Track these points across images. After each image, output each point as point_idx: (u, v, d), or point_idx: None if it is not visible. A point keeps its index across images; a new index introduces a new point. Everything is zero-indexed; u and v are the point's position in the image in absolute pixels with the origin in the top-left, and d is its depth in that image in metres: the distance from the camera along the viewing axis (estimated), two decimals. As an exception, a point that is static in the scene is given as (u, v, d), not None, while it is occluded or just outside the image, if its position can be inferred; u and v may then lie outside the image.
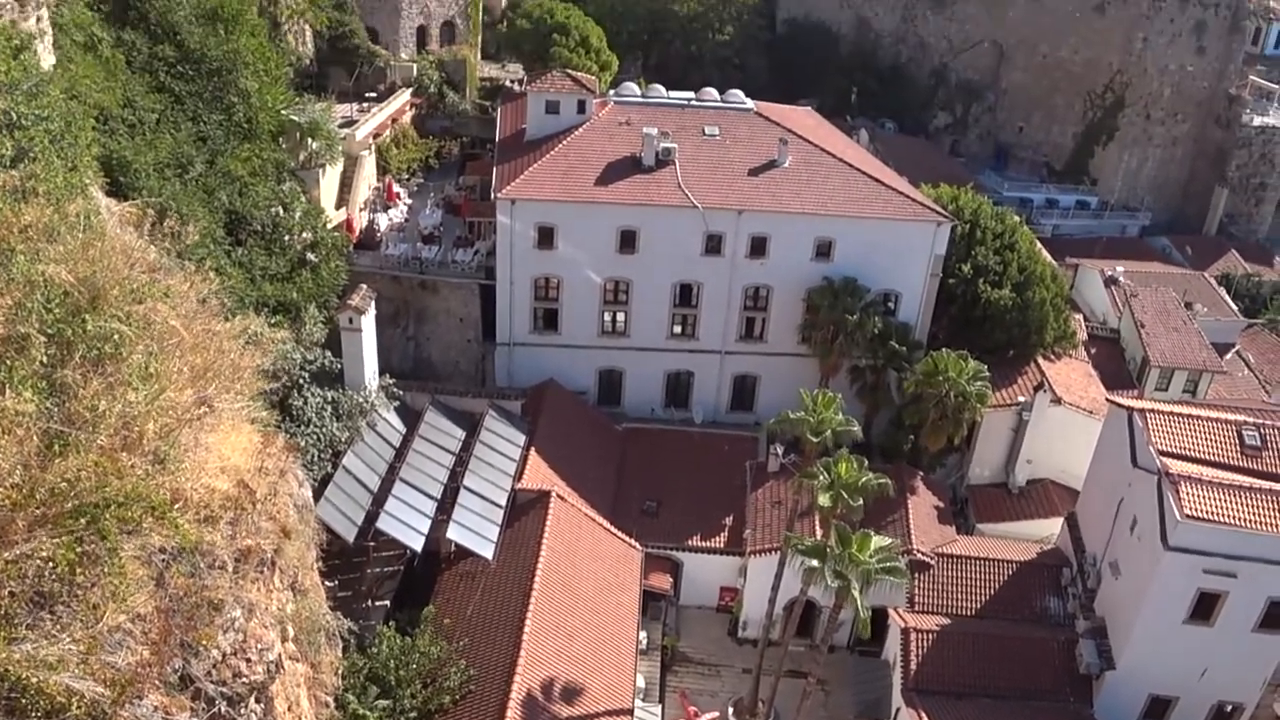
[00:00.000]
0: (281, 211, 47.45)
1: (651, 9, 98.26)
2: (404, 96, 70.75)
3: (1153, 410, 46.32)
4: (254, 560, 19.89)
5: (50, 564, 14.51)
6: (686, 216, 56.30)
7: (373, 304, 48.40)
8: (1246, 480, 42.26)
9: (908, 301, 58.88)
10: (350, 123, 63.45)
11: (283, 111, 52.66)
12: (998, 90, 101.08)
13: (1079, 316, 66.55)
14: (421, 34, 76.36)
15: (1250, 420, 46.09)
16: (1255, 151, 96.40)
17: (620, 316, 59.31)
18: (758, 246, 57.62)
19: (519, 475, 49.78)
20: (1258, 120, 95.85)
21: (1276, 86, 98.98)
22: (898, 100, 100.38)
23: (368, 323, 47.83)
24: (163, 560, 16.75)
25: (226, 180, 44.77)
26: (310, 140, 55.51)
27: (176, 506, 17.11)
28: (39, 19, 33.03)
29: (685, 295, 59.03)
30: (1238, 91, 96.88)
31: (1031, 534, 55.29)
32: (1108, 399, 52.50)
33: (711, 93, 64.49)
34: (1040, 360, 59.45)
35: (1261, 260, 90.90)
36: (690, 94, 64.35)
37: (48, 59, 33.86)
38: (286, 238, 47.23)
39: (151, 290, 19.78)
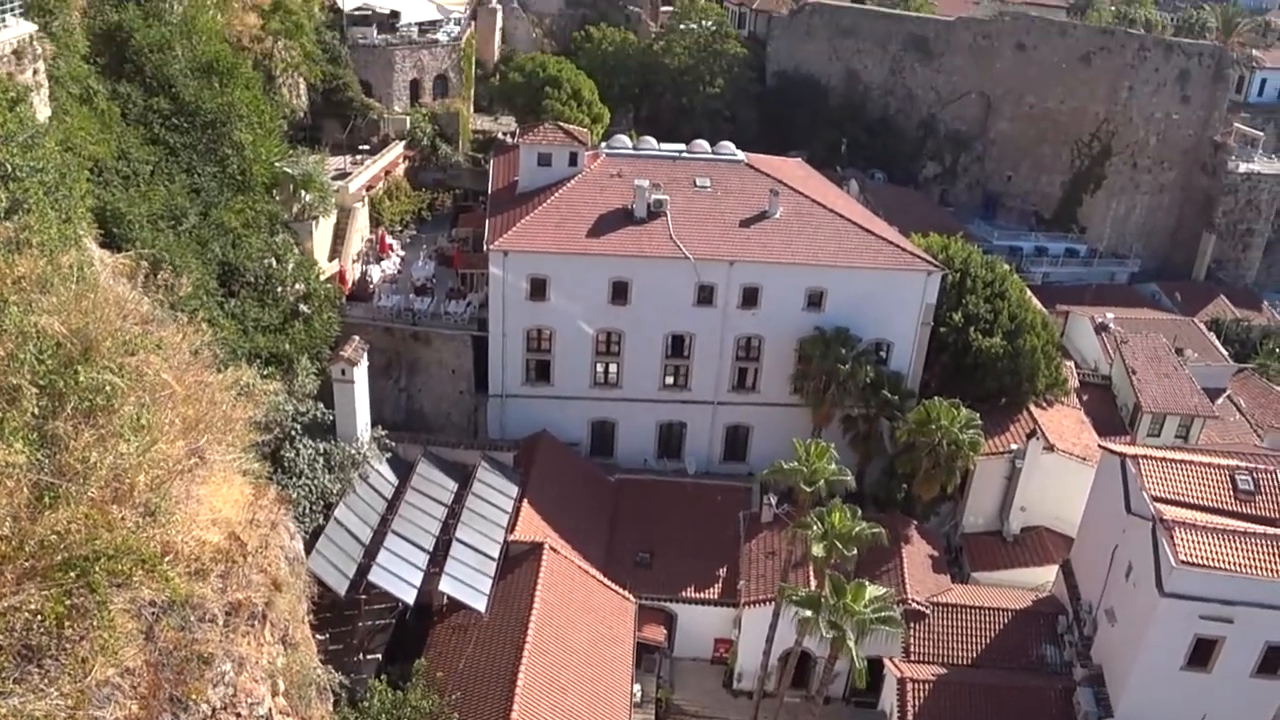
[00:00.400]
0: (274, 263, 47.60)
1: (643, 62, 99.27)
2: (397, 149, 71.28)
3: (1146, 456, 46.35)
4: (245, 614, 19.72)
5: (39, 617, 14.38)
6: (678, 267, 56.47)
7: (365, 356, 48.33)
8: (1241, 525, 42.19)
9: (899, 350, 58.98)
10: (344, 175, 63.86)
11: (276, 164, 52.97)
12: (986, 140, 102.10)
13: (1070, 364, 66.66)
14: (415, 87, 77.09)
15: (1243, 465, 46.15)
16: (1241, 198, 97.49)
17: (612, 367, 59.30)
18: (749, 297, 57.76)
19: (511, 527, 49.48)
20: (1243, 167, 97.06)
21: (1261, 133, 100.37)
22: (887, 151, 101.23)
23: (360, 374, 47.73)
24: (152, 613, 16.60)
25: (220, 232, 44.93)
26: (304, 192, 55.76)
27: (167, 559, 16.98)
28: (36, 71, 33.31)
29: (677, 346, 59.08)
30: (1223, 139, 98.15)
31: (1027, 582, 55.01)
32: (1100, 445, 52.53)
33: (702, 145, 65.00)
34: (1032, 408, 59.46)
35: (1250, 305, 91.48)
36: (681, 146, 64.86)
37: (44, 111, 34.10)
38: (279, 289, 47.32)
39: (144, 342, 19.77)
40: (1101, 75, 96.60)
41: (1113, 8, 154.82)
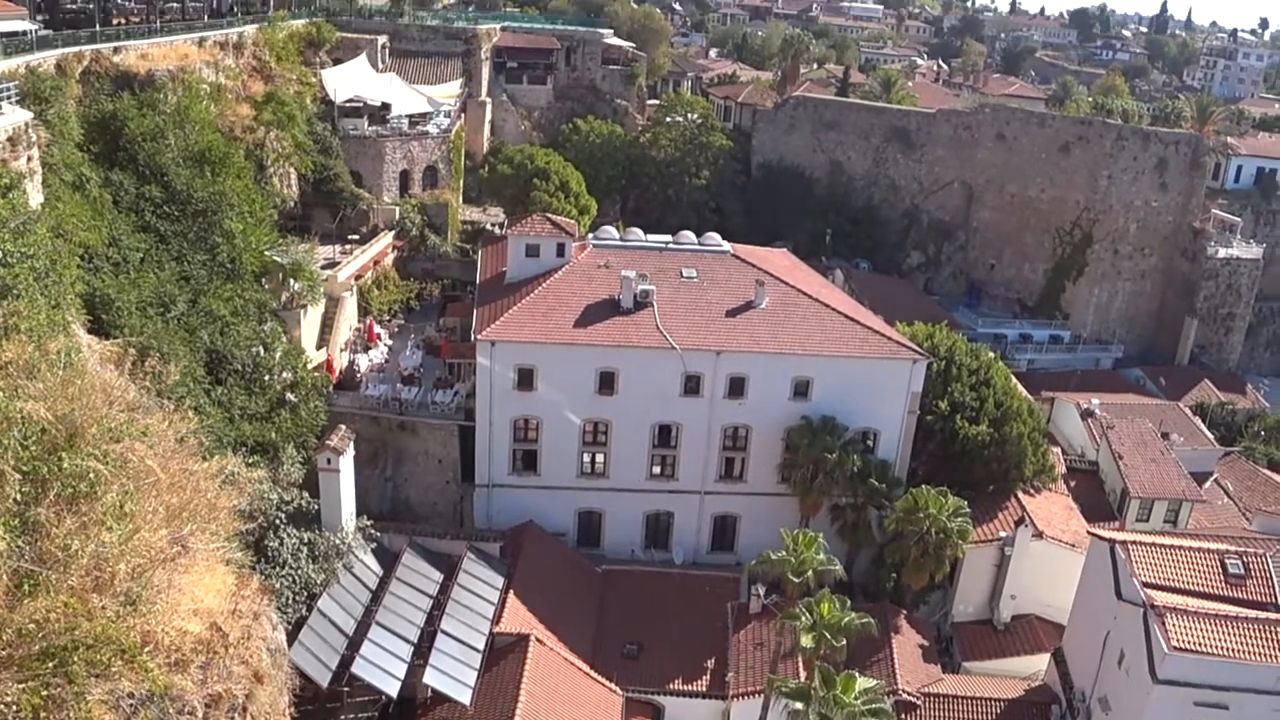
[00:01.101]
0: (262, 351, 47.66)
1: (630, 154, 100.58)
2: (386, 239, 71.80)
3: (1135, 542, 46.22)
4: (225, 706, 19.35)
5: (14, 708, 14.10)
6: (665, 358, 56.62)
7: (351, 445, 48.14)
8: (1232, 610, 41.97)
9: (886, 439, 59.00)
10: (333, 264, 64.19)
11: (266, 252, 53.32)
12: (968, 229, 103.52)
13: (1057, 450, 66.78)
14: (404, 178, 77.91)
15: (1232, 549, 46.07)
16: (1222, 283, 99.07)
17: (599, 457, 59.08)
18: (736, 387, 57.82)
19: (497, 618, 48.87)
20: (1223, 252, 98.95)
21: (1238, 219, 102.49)
22: (871, 240, 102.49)
23: (346, 463, 47.48)
24: (131, 705, 16.27)
25: (208, 319, 45.07)
26: (293, 281, 56.03)
27: (147, 650, 16.70)
28: (30, 158, 33.68)
29: (664, 436, 58.96)
30: (1201, 225, 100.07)
31: (1019, 671, 54.40)
32: (1089, 532, 52.35)
33: (689, 236, 65.70)
34: (1020, 495, 59.38)
35: (1234, 389, 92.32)
36: (668, 237, 65.60)
37: (36, 197, 34.41)
38: (266, 377, 47.33)
39: (129, 429, 19.68)
40: (1081, 164, 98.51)
41: (1090, 98, 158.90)
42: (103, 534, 17.07)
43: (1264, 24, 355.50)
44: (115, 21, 63.68)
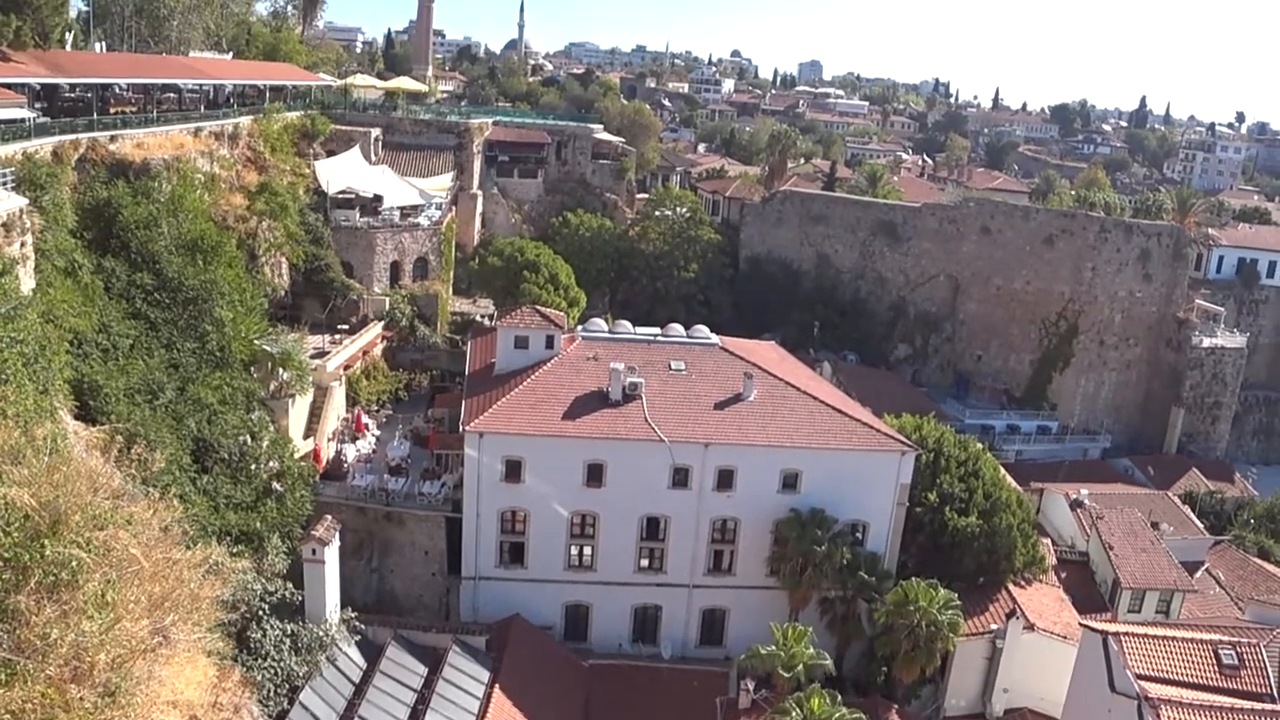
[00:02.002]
0: (249, 440, 47.44)
1: (619, 248, 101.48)
2: (376, 329, 72.01)
3: (1127, 633, 45.78)
4: (204, 800, 18.98)
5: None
6: (653, 450, 56.44)
7: (337, 535, 47.62)
8: (1227, 701, 41.41)
9: (876, 531, 58.70)
10: (322, 353, 64.28)
11: (256, 341, 53.41)
12: (955, 321, 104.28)
13: (1047, 541, 66.43)
14: (395, 269, 78.38)
15: (1226, 639, 45.61)
16: (1207, 372, 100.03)
17: (587, 550, 58.55)
18: (725, 479, 57.61)
19: (482, 715, 47.96)
20: (1207, 342, 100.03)
21: (1221, 309, 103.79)
22: (859, 332, 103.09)
23: (331, 554, 46.90)
24: (108, 799, 15.96)
25: (196, 407, 44.95)
26: (281, 370, 56.03)
27: (125, 742, 16.43)
28: (23, 244, 33.87)
29: (653, 528, 58.55)
30: (1185, 315, 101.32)
31: (1012, 767, 53.56)
32: (1081, 624, 51.86)
33: (677, 328, 65.99)
34: (1011, 586, 58.88)
35: (1222, 477, 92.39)
36: (656, 330, 65.83)
37: (28, 283, 34.54)
38: (253, 466, 47.06)
39: (113, 517, 19.55)
40: (1065, 256, 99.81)
41: (1073, 192, 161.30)
42: (83, 623, 16.88)
43: (1240, 117, 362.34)
44: (113, 110, 64.46)
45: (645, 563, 58.99)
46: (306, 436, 59.76)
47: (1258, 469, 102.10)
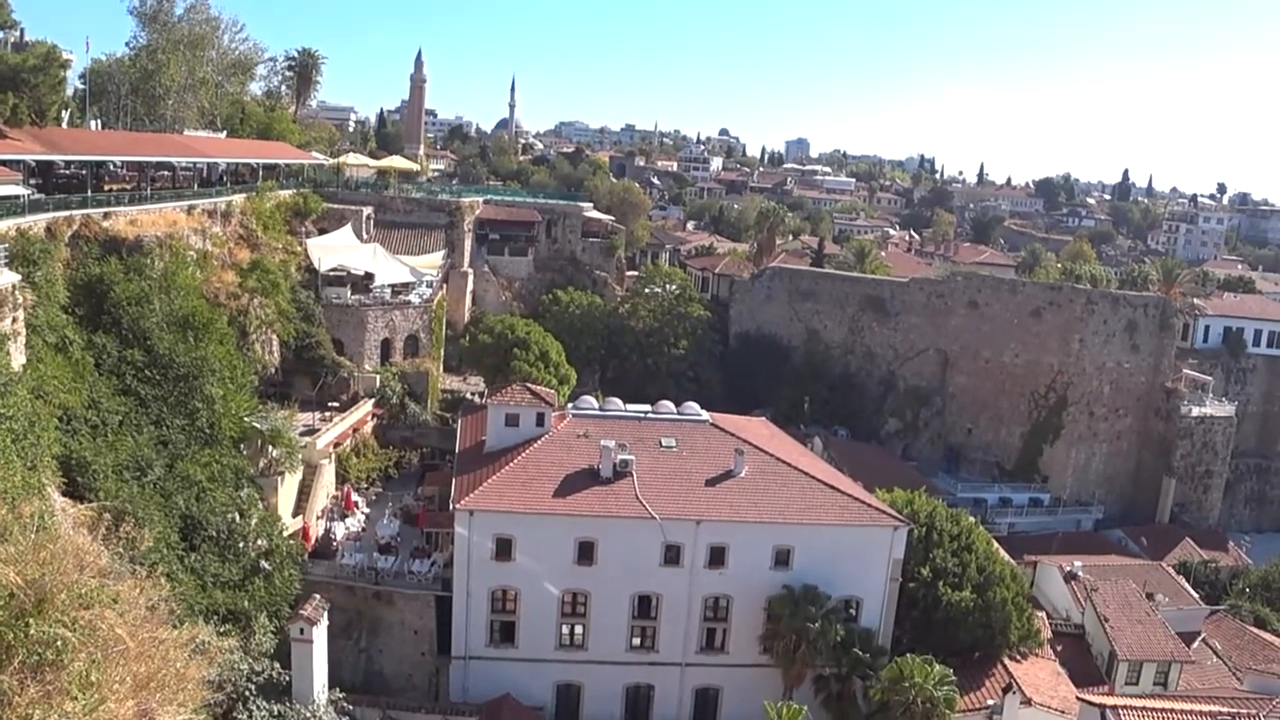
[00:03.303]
0: (238, 518, 47.17)
1: (609, 325, 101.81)
2: (366, 407, 71.88)
3: (1126, 706, 45.47)
4: None
5: None
6: (644, 527, 56.14)
7: (325, 615, 47.23)
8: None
9: (869, 607, 58.25)
10: (312, 431, 64.07)
11: (245, 418, 53.26)
12: (945, 395, 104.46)
13: (1042, 614, 65.98)
14: (386, 346, 78.48)
15: (1225, 710, 45.33)
16: (1197, 441, 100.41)
17: (579, 629, 57.96)
18: (716, 556, 57.25)
19: (472, 796, 47.27)
20: (1196, 411, 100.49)
21: (1209, 378, 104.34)
22: (849, 407, 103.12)
23: (319, 634, 46.48)
24: None
25: (185, 484, 44.73)
26: (271, 447, 55.81)
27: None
28: (14, 320, 33.91)
29: (644, 606, 58.03)
30: (1174, 385, 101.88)
31: (1012, 847, 52.56)
32: (1079, 697, 51.43)
33: (668, 405, 66.04)
34: (1007, 661, 58.33)
35: (1216, 546, 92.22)
36: (647, 407, 65.82)
37: (19, 358, 34.53)
38: (241, 544, 46.72)
39: (100, 596, 19.31)
40: (1053, 329, 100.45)
41: (1059, 265, 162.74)
42: (67, 704, 16.61)
43: (1222, 189, 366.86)
44: (107, 188, 64.98)
45: (637, 641, 58.38)
46: (295, 514, 59.36)
47: (1251, 537, 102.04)
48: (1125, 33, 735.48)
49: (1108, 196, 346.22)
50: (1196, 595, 77.49)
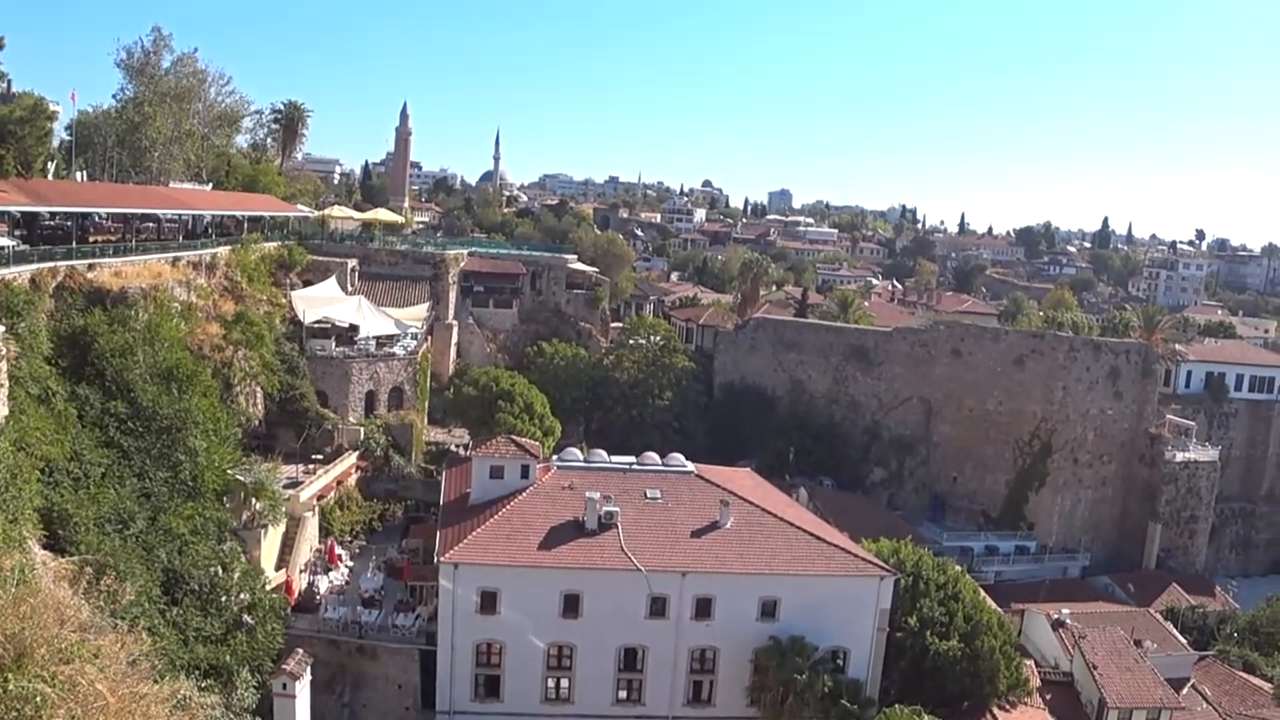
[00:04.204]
0: (220, 571, 46.79)
1: (593, 376, 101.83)
2: (350, 459, 71.63)
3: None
4: None
5: None
6: (630, 580, 55.88)
7: (308, 669, 46.74)
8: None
9: (857, 657, 57.92)
10: (295, 483, 63.75)
11: (229, 471, 53.02)
12: (929, 444, 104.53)
13: (1030, 662, 65.74)
14: (370, 398, 78.30)
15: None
16: (1182, 486, 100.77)
17: (564, 682, 57.42)
18: (703, 608, 56.97)
19: None
20: (1180, 456, 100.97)
21: (1192, 423, 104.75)
22: (834, 457, 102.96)
23: (302, 689, 45.94)
24: None
25: (167, 538, 44.41)
26: (254, 500, 55.52)
27: None
28: (-2, 371, 33.74)
29: (630, 659, 57.60)
30: (1157, 430, 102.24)
31: None
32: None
33: (652, 457, 66.00)
34: (995, 710, 58.04)
35: (1203, 591, 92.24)
36: (632, 458, 65.75)
37: (1, 410, 34.29)
38: (224, 598, 46.31)
39: (80, 650, 19.12)
40: (1036, 376, 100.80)
41: (1041, 312, 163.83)
42: (47, 761, 16.38)
43: (1200, 235, 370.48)
44: (92, 239, 64.99)
45: (623, 694, 57.93)
46: (279, 568, 58.94)
47: (1238, 581, 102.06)
48: (1103, 81, 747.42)
49: (1088, 244, 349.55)
50: (1184, 641, 77.44)
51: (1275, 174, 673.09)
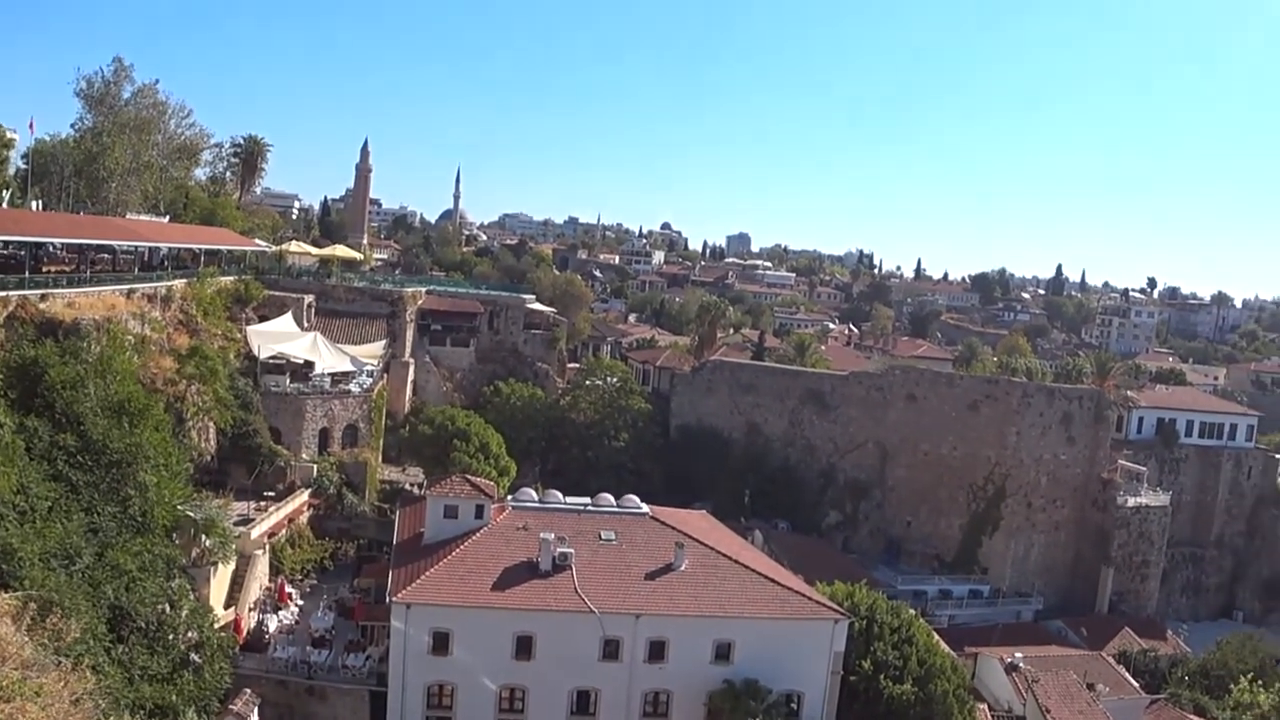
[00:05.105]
0: (168, 609, 46.03)
1: (550, 417, 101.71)
2: (302, 496, 70.95)
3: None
4: None
5: None
6: (583, 622, 55.59)
7: (256, 710, 46.25)
8: None
9: (811, 701, 57.81)
10: (246, 520, 62.98)
11: (179, 507, 52.36)
12: (884, 487, 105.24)
13: (983, 706, 66.01)
14: (324, 435, 77.62)
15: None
16: (1134, 530, 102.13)
17: (516, 725, 57.08)
18: (656, 651, 56.75)
19: None
20: (1132, 501, 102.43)
21: (1144, 468, 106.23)
22: (789, 500, 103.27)
23: (249, 730, 45.39)
24: None
25: (115, 574, 43.64)
26: (204, 537, 54.75)
27: None
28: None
29: (583, 702, 57.09)
30: (1109, 475, 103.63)
31: None
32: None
33: (608, 498, 65.94)
34: (948, 755, 58.17)
35: (1154, 635, 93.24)
36: (587, 500, 65.69)
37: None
38: (171, 636, 45.52)
39: (22, 689, 18.86)
40: (990, 421, 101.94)
41: (995, 358, 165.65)
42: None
43: (1152, 283, 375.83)
44: (46, 269, 64.32)
45: (576, 738, 57.44)
46: (228, 606, 58.09)
47: (1189, 625, 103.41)
48: (1056, 130, 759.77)
49: (1042, 291, 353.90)
50: (1137, 685, 78.07)
51: (1224, 225, 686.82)
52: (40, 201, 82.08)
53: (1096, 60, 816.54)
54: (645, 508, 64.72)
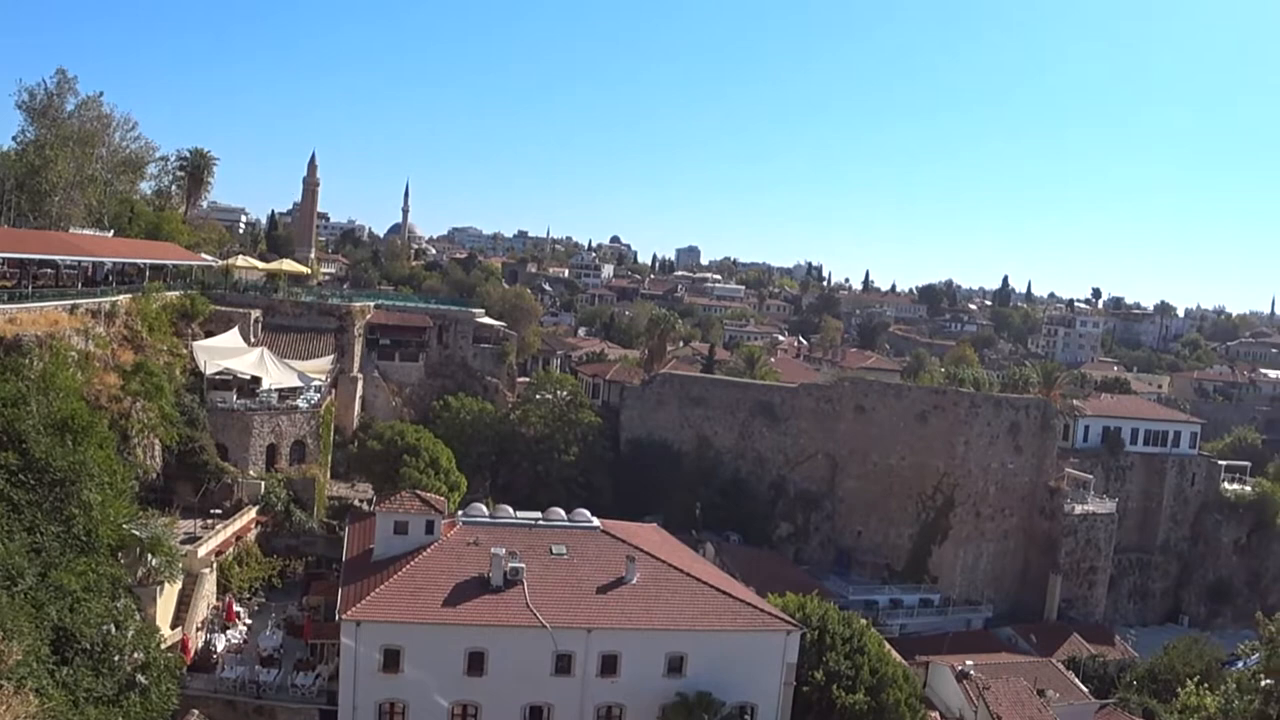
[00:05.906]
0: (114, 630, 45.21)
1: (500, 431, 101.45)
2: (250, 514, 70.16)
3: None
4: None
5: None
6: (535, 637, 55.46)
7: (203, 731, 45.53)
8: None
9: (764, 712, 57.99)
10: (193, 539, 62.19)
11: (124, 525, 51.55)
12: (834, 498, 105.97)
13: (935, 714, 66.49)
14: (272, 452, 76.81)
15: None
16: (1081, 538, 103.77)
17: (468, 742, 56.78)
18: (609, 665, 56.73)
19: None
20: (1079, 509, 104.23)
21: (1090, 476, 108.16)
22: (741, 512, 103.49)
23: (197, 751, 44.76)
24: None
25: (58, 595, 42.84)
26: (150, 556, 53.93)
27: None
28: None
29: (536, 717, 56.86)
30: (1057, 484, 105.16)
31: None
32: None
33: (558, 512, 65.93)
34: (901, 764, 58.53)
35: (1103, 640, 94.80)
36: (538, 514, 65.67)
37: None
38: (116, 658, 44.72)
39: (-35, 713, 18.52)
40: (938, 432, 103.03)
41: (943, 369, 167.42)
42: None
43: (1096, 294, 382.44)
44: (-14, 285, 63.27)
45: (529, 754, 57.21)
46: (175, 626, 57.26)
47: (1136, 630, 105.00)
48: (1001, 142, 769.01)
49: (989, 302, 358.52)
50: (1086, 690, 79.32)
51: (1167, 236, 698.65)
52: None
53: (1038, 71, 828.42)
54: (596, 522, 64.72)
